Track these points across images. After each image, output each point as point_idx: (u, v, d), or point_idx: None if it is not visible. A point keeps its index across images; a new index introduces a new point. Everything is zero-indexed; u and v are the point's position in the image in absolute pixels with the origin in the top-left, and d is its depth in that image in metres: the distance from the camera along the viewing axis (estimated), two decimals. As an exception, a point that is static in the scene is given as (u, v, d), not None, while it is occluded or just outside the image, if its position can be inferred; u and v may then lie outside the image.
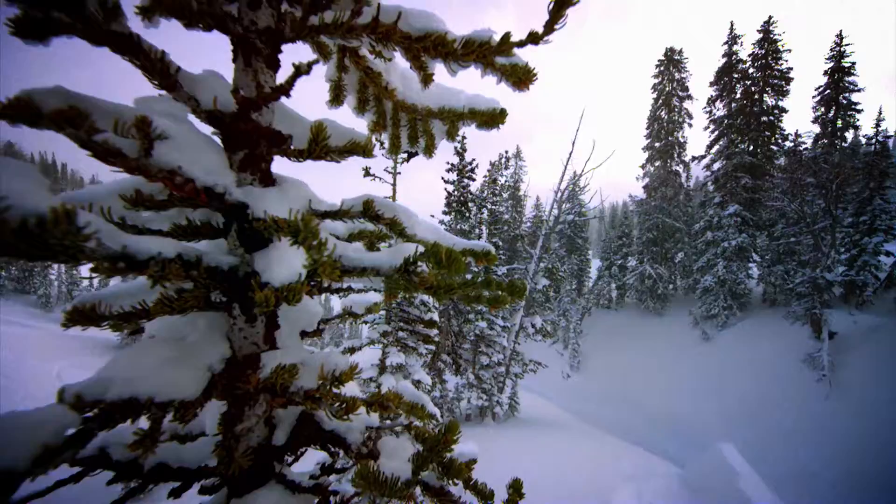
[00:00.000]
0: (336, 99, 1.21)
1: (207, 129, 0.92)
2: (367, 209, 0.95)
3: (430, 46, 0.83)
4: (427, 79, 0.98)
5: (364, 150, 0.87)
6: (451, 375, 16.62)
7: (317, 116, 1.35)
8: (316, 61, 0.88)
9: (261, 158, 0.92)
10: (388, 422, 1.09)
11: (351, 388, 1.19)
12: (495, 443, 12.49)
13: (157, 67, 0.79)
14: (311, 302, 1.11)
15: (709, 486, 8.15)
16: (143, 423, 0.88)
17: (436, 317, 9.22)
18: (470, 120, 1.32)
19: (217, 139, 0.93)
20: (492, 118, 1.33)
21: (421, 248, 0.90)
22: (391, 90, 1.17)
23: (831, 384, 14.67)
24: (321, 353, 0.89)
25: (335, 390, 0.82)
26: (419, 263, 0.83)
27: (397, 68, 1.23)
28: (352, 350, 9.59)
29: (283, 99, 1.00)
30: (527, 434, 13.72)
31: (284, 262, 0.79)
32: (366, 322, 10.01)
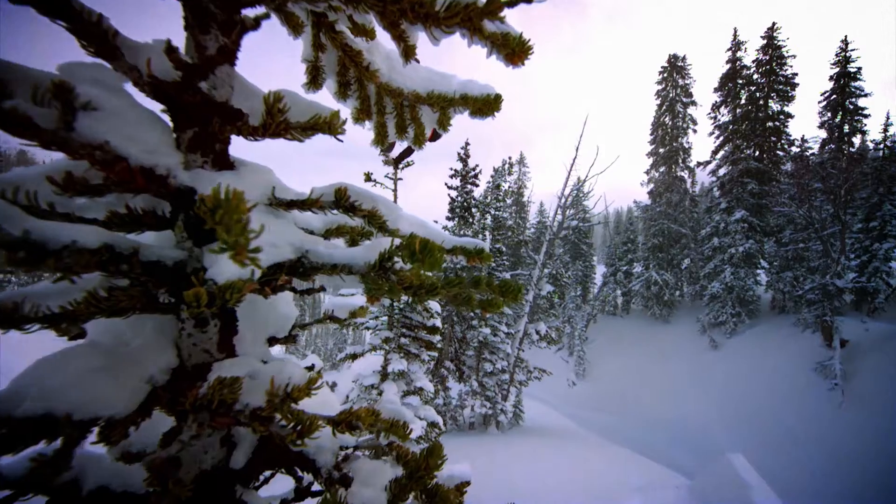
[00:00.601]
0: (313, 82, 1.10)
1: (157, 107, 0.81)
2: (340, 198, 0.83)
3: (406, 9, 0.72)
4: (408, 51, 0.87)
5: (330, 126, 0.76)
6: (454, 382, 16.41)
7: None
8: (266, 16, 0.78)
9: (214, 138, 0.80)
10: (367, 439, 0.97)
11: (324, 401, 1.07)
12: (499, 452, 12.25)
13: (93, 31, 0.68)
14: (282, 303, 0.99)
15: (719, 497, 7.88)
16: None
17: (438, 323, 9.07)
18: (462, 107, 1.21)
19: (167, 118, 0.82)
20: (486, 105, 1.22)
21: (399, 242, 0.78)
22: (373, 71, 1.06)
23: (844, 393, 14.32)
24: (275, 364, 0.76)
25: (292, 407, 0.70)
26: (395, 259, 0.71)
27: (381, 49, 1.12)
28: (353, 356, 9.43)
29: (248, 76, 0.89)
30: (531, 443, 13.45)
31: (237, 256, 0.68)
32: (368, 328, 9.87)
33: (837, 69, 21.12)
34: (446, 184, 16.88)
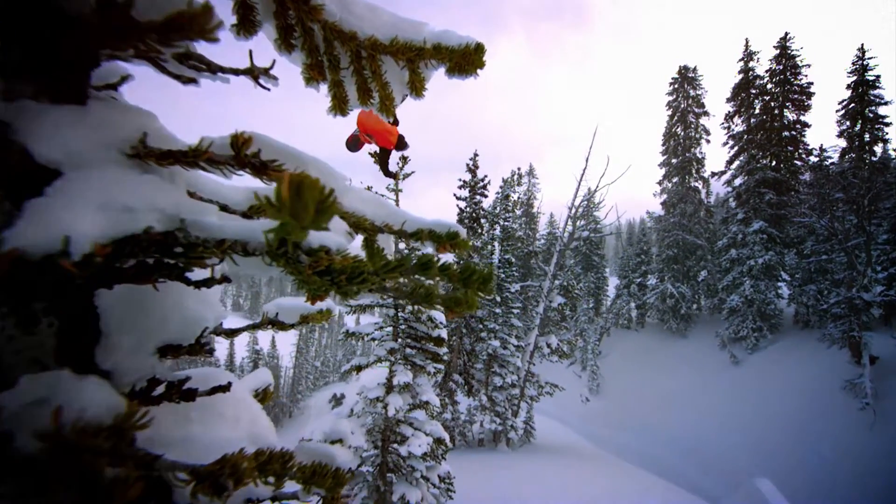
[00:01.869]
0: (243, 25, 0.88)
1: None
2: (239, 149, 0.58)
3: None
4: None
5: (194, 25, 0.52)
6: (463, 397, 15.96)
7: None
8: None
9: (51, 58, 0.58)
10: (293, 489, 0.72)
11: (252, 434, 0.82)
12: (509, 471, 11.79)
13: None
14: (193, 301, 0.75)
15: (746, 528, 7.34)
16: None
17: (444, 334, 8.75)
18: (435, 59, 0.98)
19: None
20: (465, 58, 0.98)
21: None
22: (315, 6, 0.84)
23: (875, 413, 13.48)
24: (71, 384, 0.52)
25: (135, 450, 0.45)
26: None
27: (329, -16, 0.91)
28: (358, 368, 9.14)
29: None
30: (543, 462, 12.92)
31: (59, 219, 0.45)
32: (373, 339, 9.55)
33: (855, 77, 20.60)
34: (455, 195, 16.74)
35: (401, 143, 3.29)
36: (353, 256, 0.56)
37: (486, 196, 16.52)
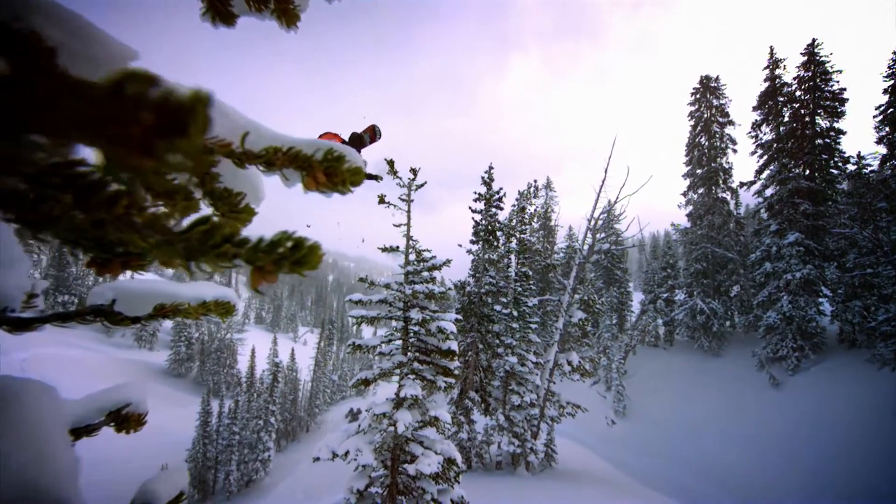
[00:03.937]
0: None
1: None
2: None
3: None
4: None
5: None
6: (480, 416, 15.29)
7: None
8: None
9: None
10: None
11: None
12: (529, 498, 11.05)
13: None
14: None
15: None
16: None
17: (454, 346, 8.33)
18: None
19: None
20: None
21: None
22: None
23: (941, 443, 12.10)
24: None
25: None
26: None
27: None
28: (366, 382, 8.78)
29: None
30: (566, 489, 12.08)
31: None
32: (382, 353, 9.20)
33: (892, 81, 19.53)
34: (470, 207, 16.48)
35: (373, 134, 3.84)
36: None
37: (501, 209, 16.19)
